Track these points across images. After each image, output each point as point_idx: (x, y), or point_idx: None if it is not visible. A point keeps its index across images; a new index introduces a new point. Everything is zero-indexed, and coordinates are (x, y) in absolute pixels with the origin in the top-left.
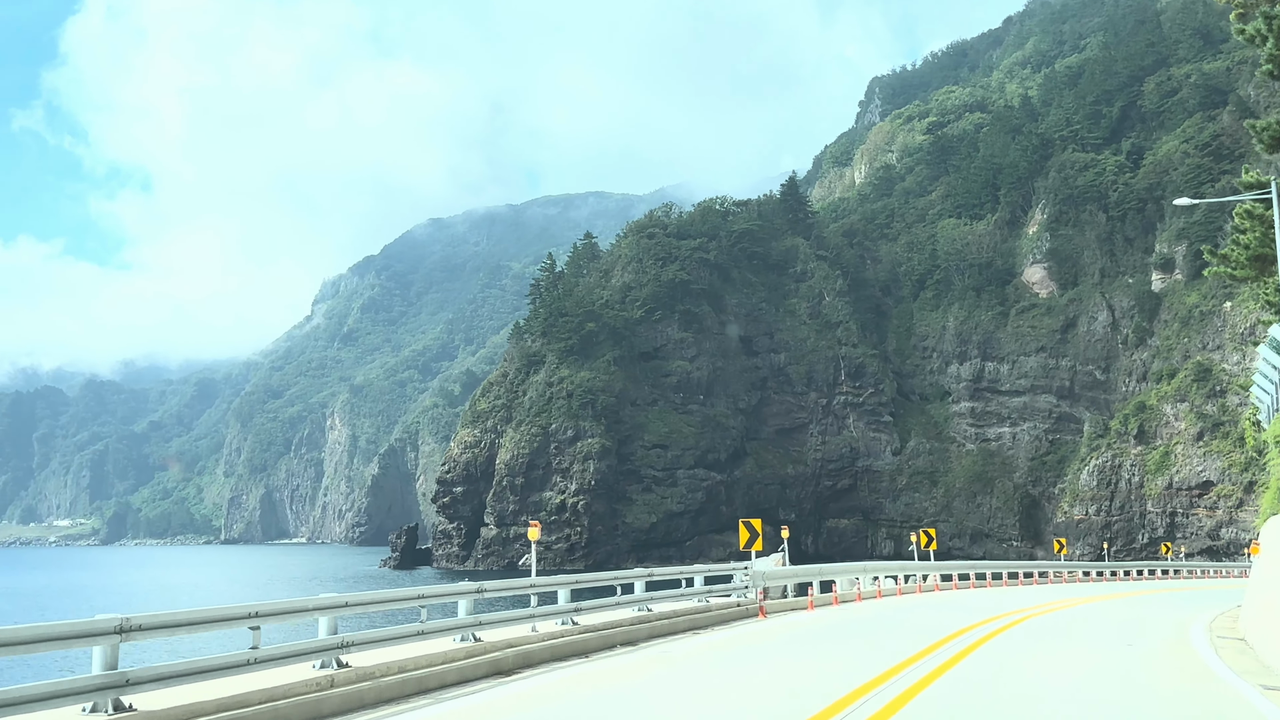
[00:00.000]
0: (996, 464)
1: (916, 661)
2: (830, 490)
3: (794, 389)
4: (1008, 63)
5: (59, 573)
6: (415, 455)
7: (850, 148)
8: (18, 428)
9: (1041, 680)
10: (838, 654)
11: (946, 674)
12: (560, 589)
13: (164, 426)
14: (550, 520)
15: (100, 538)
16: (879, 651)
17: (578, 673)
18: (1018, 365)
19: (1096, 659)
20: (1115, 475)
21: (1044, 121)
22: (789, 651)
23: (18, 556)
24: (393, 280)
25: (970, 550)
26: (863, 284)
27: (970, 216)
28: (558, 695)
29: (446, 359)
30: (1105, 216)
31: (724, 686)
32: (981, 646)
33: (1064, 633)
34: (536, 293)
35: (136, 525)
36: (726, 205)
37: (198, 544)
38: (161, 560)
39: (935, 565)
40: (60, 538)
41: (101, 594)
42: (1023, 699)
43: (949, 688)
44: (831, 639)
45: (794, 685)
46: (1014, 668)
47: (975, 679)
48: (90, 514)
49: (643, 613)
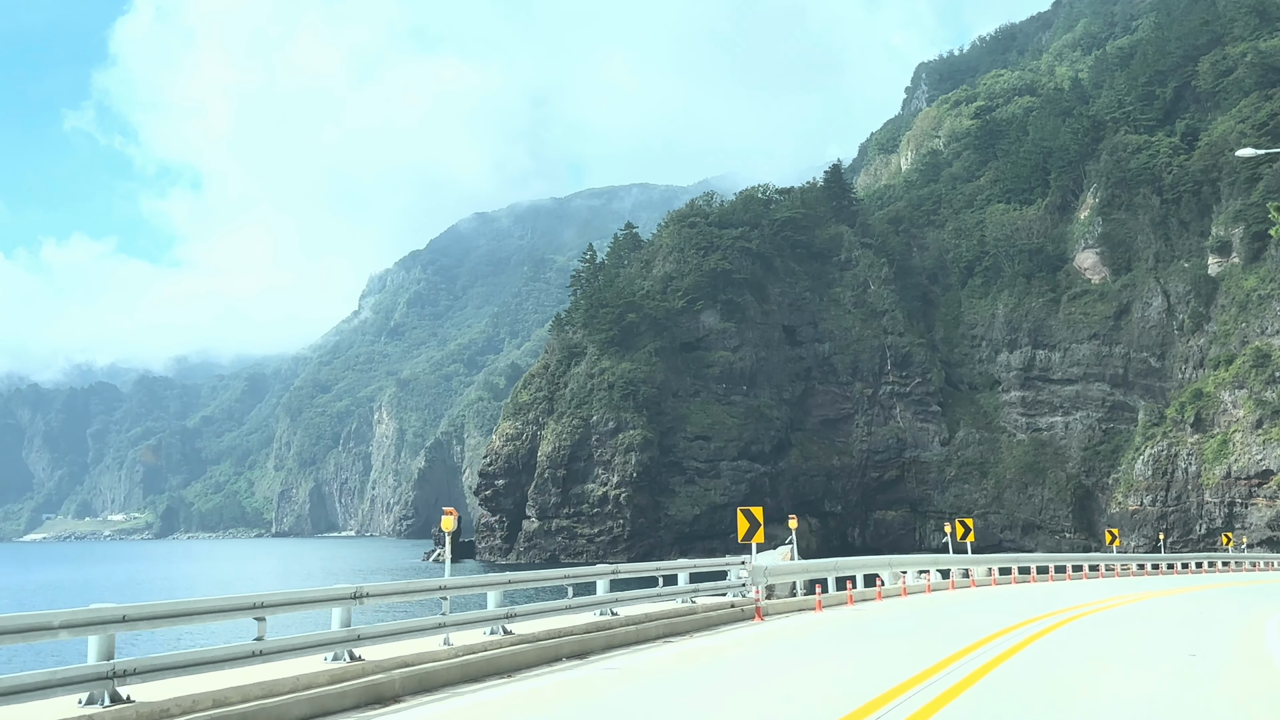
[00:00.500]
0: (1048, 454)
1: (920, 683)
2: (877, 482)
3: (839, 379)
4: (1057, 45)
5: (114, 566)
6: (461, 448)
7: (896, 135)
8: (72, 424)
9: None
10: (829, 668)
11: (961, 697)
12: (491, 590)
13: (215, 421)
14: (593, 513)
15: (154, 532)
16: (881, 664)
17: (475, 701)
18: (1070, 353)
19: (1158, 678)
20: (1171, 465)
21: (1095, 103)
22: (768, 665)
23: (73, 551)
24: (438, 274)
25: (1022, 542)
26: (909, 271)
27: (1020, 201)
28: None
29: (492, 352)
30: (1159, 200)
31: (659, 714)
32: (1011, 658)
33: (1113, 641)
34: (577, 284)
35: (189, 519)
36: (769, 193)
37: (249, 537)
38: (213, 554)
39: (971, 558)
40: (115, 532)
41: (152, 587)
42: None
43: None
44: (831, 647)
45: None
46: (1052, 687)
47: (995, 712)
48: (144, 508)
49: (604, 617)
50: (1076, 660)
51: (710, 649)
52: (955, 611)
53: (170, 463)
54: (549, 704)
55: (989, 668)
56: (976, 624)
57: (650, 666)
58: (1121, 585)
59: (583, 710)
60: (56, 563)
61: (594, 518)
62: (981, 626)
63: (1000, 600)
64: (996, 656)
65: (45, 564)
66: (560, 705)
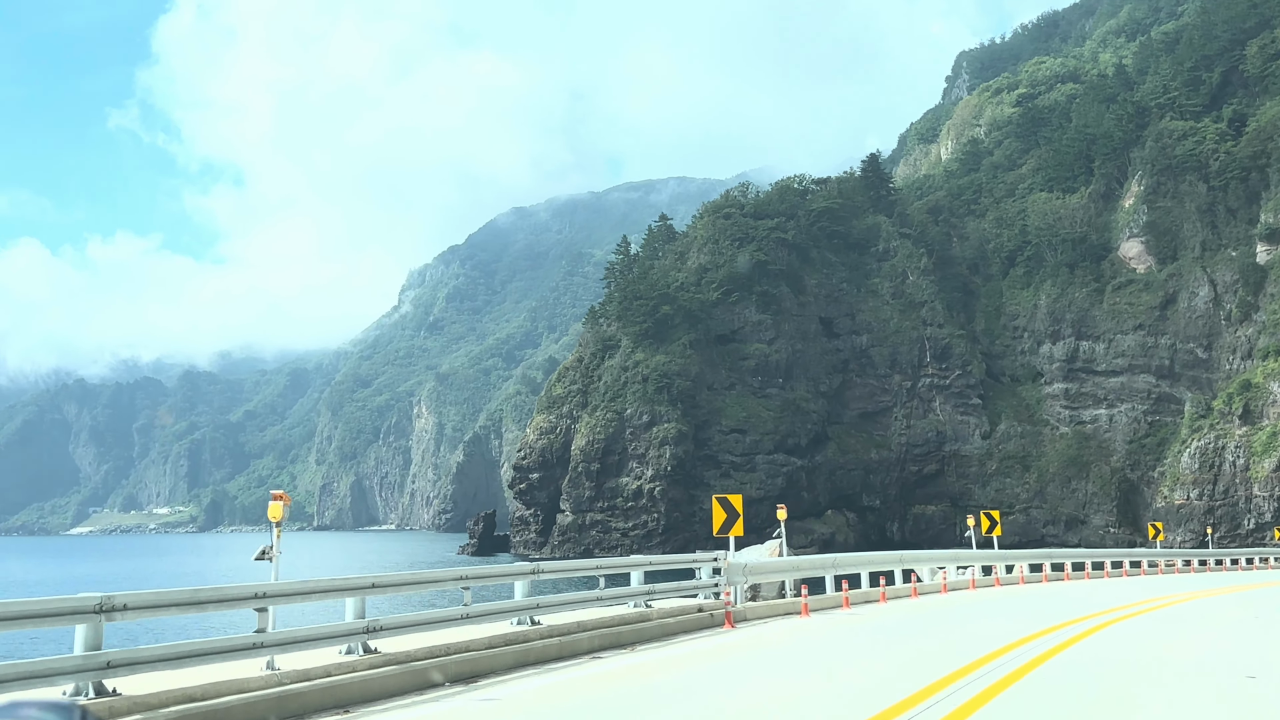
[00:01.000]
0: (1092, 447)
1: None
2: (916, 476)
3: (877, 371)
4: (1101, 32)
5: (158, 560)
6: (499, 443)
7: (936, 125)
8: (119, 418)
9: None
10: (780, 697)
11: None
12: (349, 597)
13: (258, 416)
14: (627, 507)
15: (198, 525)
16: (849, 692)
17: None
18: (1114, 344)
19: (1207, 710)
20: (1218, 458)
21: (1140, 90)
22: (701, 694)
23: (118, 544)
24: (477, 269)
25: (1065, 538)
26: (949, 262)
27: (1062, 190)
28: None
29: (530, 347)
30: (1206, 187)
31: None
32: (1020, 680)
33: (1151, 659)
34: (611, 276)
35: (232, 512)
36: (805, 183)
37: (290, 531)
38: (256, 547)
39: (999, 554)
40: (159, 525)
41: (189, 580)
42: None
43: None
44: (795, 667)
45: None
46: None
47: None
48: (188, 502)
49: (521, 628)
50: (1101, 689)
51: (644, 668)
52: (965, 616)
53: (214, 457)
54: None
55: (985, 698)
56: (987, 633)
57: (539, 696)
58: (1164, 583)
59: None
60: (100, 556)
61: (628, 511)
62: (993, 637)
63: (1022, 602)
64: (997, 682)
65: (89, 557)
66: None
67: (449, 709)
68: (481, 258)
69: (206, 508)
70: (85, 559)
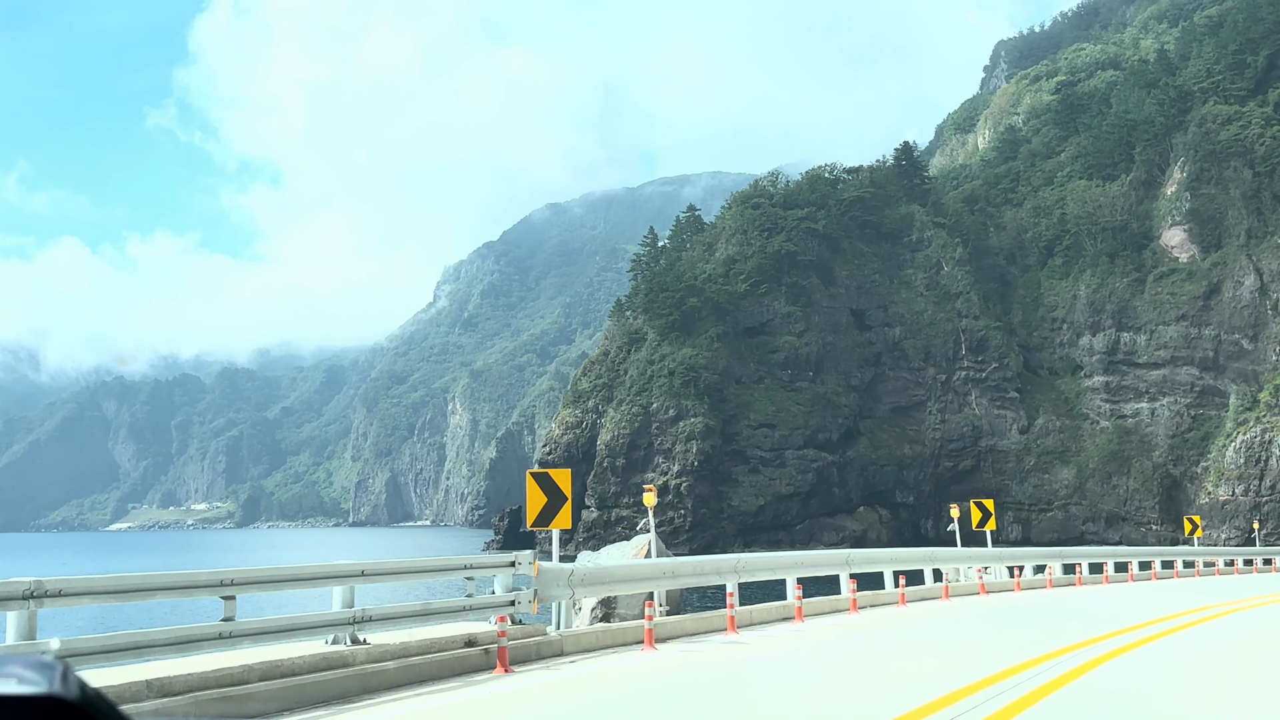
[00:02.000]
0: (1134, 442)
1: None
2: (951, 471)
3: (910, 364)
4: (1142, 18)
5: (195, 555)
6: (532, 439)
7: (973, 114)
8: (157, 415)
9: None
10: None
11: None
12: None
13: (295, 412)
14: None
15: (235, 520)
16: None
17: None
18: (1156, 335)
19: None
20: (1265, 452)
21: (1182, 74)
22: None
23: (156, 540)
24: (511, 265)
25: (1105, 535)
26: (985, 252)
27: (1102, 177)
28: None
29: (564, 343)
30: (1251, 173)
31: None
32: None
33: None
34: (638, 268)
35: (270, 508)
36: (836, 172)
37: (327, 526)
38: (293, 542)
39: (1005, 551)
40: (198, 521)
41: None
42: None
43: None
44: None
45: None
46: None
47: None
48: (226, 497)
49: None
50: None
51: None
52: (927, 638)
53: (251, 453)
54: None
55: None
56: (924, 677)
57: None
58: (1203, 588)
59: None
60: (138, 551)
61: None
62: (912, 692)
63: (1019, 615)
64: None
65: (126, 552)
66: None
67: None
68: (516, 254)
69: (244, 503)
70: (123, 554)
